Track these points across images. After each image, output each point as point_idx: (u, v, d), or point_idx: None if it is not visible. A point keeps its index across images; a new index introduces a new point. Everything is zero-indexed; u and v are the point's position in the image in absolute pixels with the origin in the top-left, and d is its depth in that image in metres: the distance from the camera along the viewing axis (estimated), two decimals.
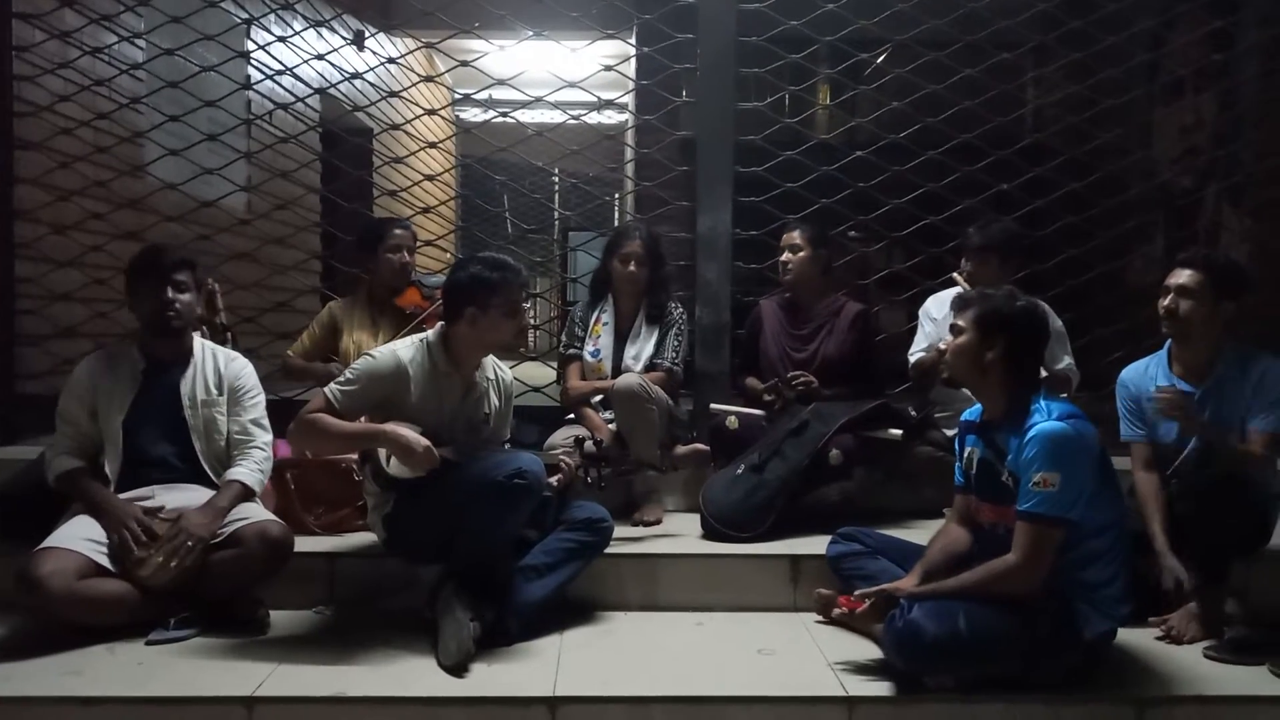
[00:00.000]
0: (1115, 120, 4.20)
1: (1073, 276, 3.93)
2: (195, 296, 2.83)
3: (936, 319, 3.51)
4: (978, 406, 2.51)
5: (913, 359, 3.54)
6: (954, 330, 2.44)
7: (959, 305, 2.46)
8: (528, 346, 7.74)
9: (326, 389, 2.58)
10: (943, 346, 2.54)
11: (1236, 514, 2.60)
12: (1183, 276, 2.77)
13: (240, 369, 2.88)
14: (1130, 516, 2.54)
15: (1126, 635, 2.46)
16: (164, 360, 2.80)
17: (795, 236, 3.55)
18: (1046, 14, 4.00)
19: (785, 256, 3.56)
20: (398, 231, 3.68)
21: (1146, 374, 2.91)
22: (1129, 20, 4.08)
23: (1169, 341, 2.88)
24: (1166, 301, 2.79)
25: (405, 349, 2.68)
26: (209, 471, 2.76)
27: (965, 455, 2.52)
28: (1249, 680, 2.38)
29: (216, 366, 2.85)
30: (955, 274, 3.48)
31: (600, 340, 3.46)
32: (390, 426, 2.52)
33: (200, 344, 2.88)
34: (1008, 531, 2.30)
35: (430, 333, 2.76)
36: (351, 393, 2.57)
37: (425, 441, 2.47)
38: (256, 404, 2.87)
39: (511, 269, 2.69)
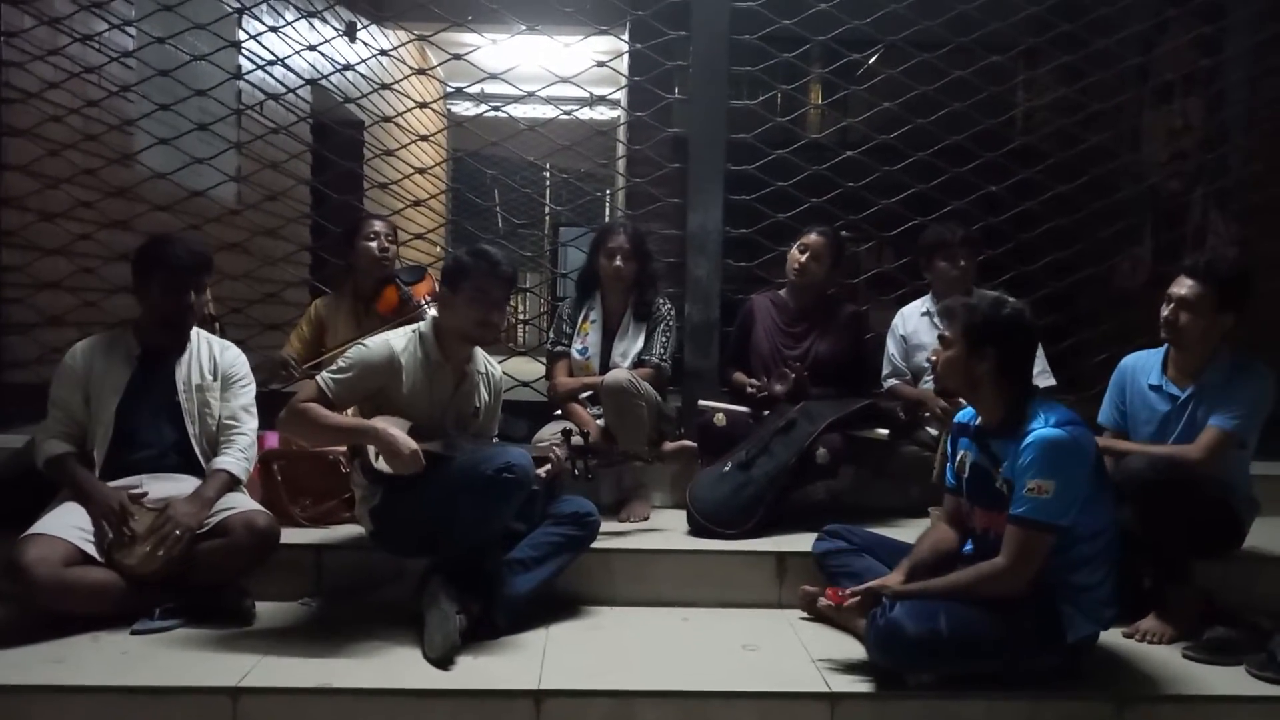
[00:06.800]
0: (1104, 123, 4.22)
1: (1059, 278, 3.95)
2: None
3: (905, 334, 3.54)
4: (971, 409, 2.49)
5: (886, 384, 3.55)
6: (942, 342, 2.40)
7: (945, 315, 2.41)
8: (515, 342, 7.74)
9: (319, 377, 2.58)
10: (931, 358, 2.49)
11: (1185, 514, 2.57)
12: (1184, 288, 2.71)
13: (234, 357, 2.92)
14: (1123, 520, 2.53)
15: (1108, 635, 2.48)
16: (160, 348, 2.80)
17: (818, 244, 3.45)
18: (1037, 17, 4.02)
19: (803, 259, 3.46)
20: (373, 221, 3.73)
21: (1143, 367, 2.90)
22: (1119, 24, 4.10)
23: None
24: (1166, 312, 2.75)
25: (398, 339, 2.68)
26: (199, 456, 2.77)
27: (957, 458, 2.50)
28: (1227, 680, 2.40)
29: (211, 354, 2.87)
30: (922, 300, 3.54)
31: (588, 338, 3.45)
32: (379, 425, 2.51)
33: (195, 332, 2.90)
34: (998, 537, 2.31)
35: (422, 323, 2.76)
36: (344, 381, 2.57)
37: (413, 445, 2.46)
38: (247, 391, 2.90)
39: (489, 259, 2.66)
